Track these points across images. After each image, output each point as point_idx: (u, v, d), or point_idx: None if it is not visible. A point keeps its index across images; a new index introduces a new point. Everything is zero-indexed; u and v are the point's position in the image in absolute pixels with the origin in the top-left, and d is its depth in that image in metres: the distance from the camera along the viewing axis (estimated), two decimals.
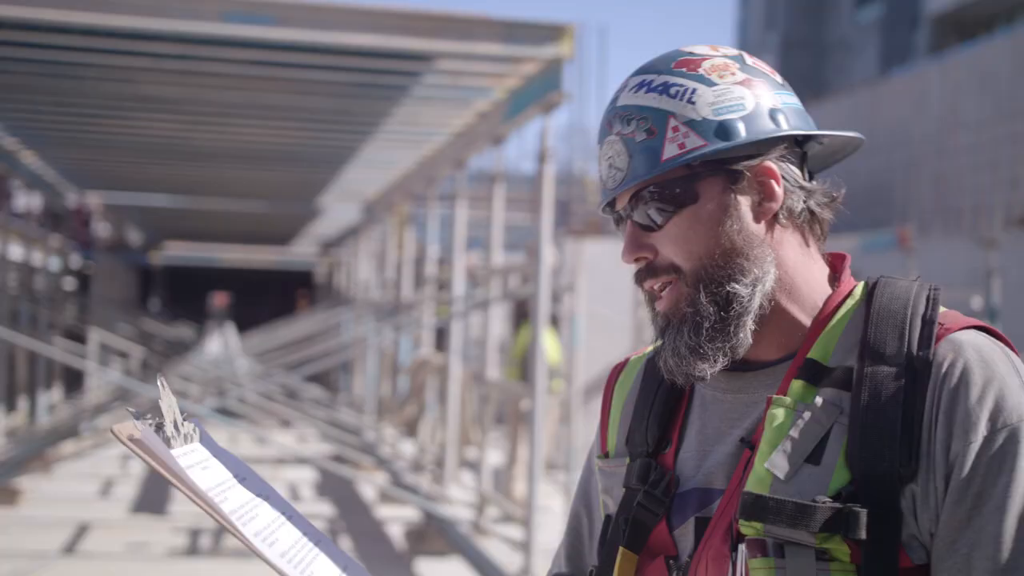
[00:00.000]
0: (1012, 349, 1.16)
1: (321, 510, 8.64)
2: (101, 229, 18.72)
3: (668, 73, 1.21)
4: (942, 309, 1.17)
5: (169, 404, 1.14)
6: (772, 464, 1.11)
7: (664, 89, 1.20)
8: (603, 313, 10.13)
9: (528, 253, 14.30)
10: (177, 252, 22.32)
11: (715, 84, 1.19)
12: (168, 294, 27.47)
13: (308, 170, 11.26)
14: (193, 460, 1.14)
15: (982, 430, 1.08)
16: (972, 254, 11.61)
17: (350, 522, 8.26)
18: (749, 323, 1.18)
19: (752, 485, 1.12)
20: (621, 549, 1.22)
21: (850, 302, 1.21)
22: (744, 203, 1.19)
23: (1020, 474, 1.07)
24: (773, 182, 1.20)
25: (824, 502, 1.08)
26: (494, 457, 9.79)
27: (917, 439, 1.09)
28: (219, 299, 27.95)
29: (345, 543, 7.59)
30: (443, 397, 8.93)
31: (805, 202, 1.22)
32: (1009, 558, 1.06)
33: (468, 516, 7.74)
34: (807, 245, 1.23)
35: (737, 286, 1.17)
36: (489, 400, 8.66)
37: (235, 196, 14.09)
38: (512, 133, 7.58)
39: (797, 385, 1.16)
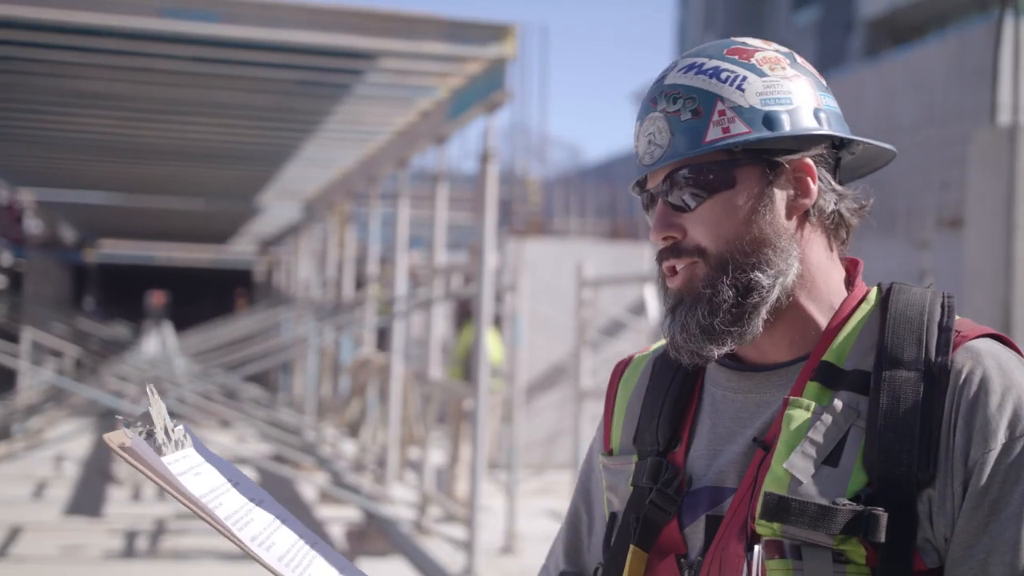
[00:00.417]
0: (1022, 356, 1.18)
1: None
2: (34, 226, 18.33)
3: (720, 58, 1.21)
4: (956, 317, 1.19)
5: (159, 411, 1.12)
6: (791, 465, 1.12)
7: (715, 73, 1.19)
8: (545, 313, 10.17)
9: (471, 253, 14.31)
10: (113, 250, 21.95)
11: (765, 75, 1.20)
12: (103, 293, 26.98)
13: (248, 168, 11.14)
14: (186, 466, 1.12)
15: (1001, 438, 1.09)
16: (906, 254, 11.84)
17: None
18: (763, 313, 1.18)
19: (769, 485, 1.12)
20: (632, 547, 1.22)
21: (865, 307, 1.22)
22: (779, 196, 1.20)
23: None
24: (809, 179, 1.21)
25: (845, 504, 1.09)
26: (436, 457, 9.78)
27: (936, 444, 1.10)
28: (156, 298, 27.52)
29: None
30: (385, 396, 8.90)
31: (836, 205, 1.23)
32: None
33: (410, 516, 7.72)
34: (831, 248, 1.24)
35: (760, 275, 1.18)
36: (432, 399, 8.64)
37: (173, 194, 13.88)
38: (455, 132, 7.58)
39: (813, 387, 1.16)
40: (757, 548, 1.11)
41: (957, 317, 1.18)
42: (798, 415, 1.14)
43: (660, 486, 1.22)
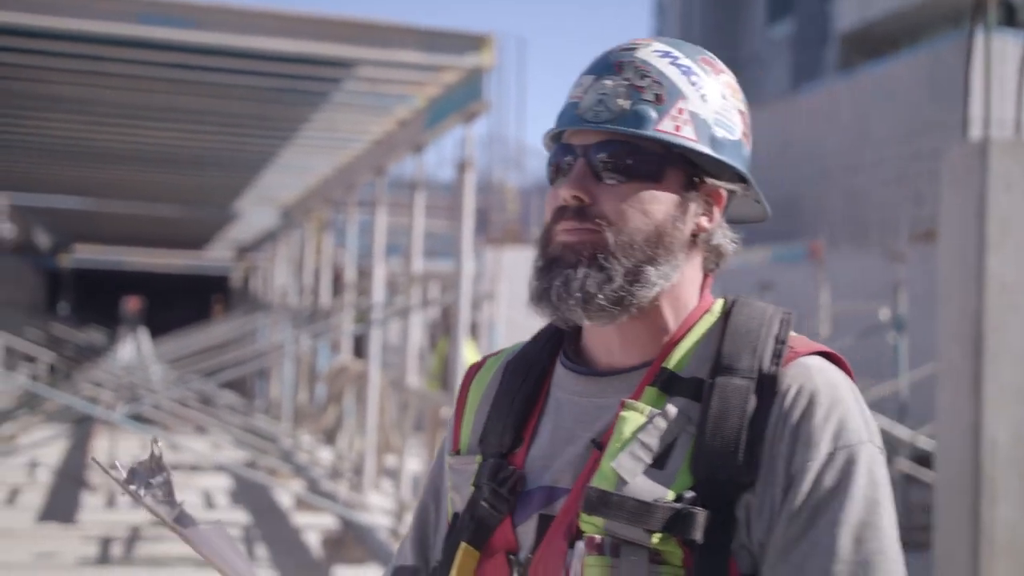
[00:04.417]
0: (851, 376, 1.22)
1: (237, 517, 8.54)
2: (7, 231, 18.21)
3: (693, 62, 1.24)
4: (793, 333, 1.22)
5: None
6: (618, 464, 1.14)
7: (687, 72, 1.22)
8: (522, 320, 10.20)
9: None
10: (87, 255, 21.83)
11: (726, 99, 1.24)
12: (78, 298, 26.81)
13: (224, 174, 11.13)
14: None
15: (824, 448, 1.13)
16: (880, 266, 11.95)
17: (266, 530, 8.18)
18: (635, 309, 1.21)
19: (596, 483, 1.14)
20: (462, 545, 1.24)
21: (709, 317, 1.25)
22: (691, 209, 1.23)
23: (856, 492, 1.12)
24: (717, 207, 1.25)
25: (664, 502, 1.11)
26: (413, 464, 9.78)
27: (759, 451, 1.13)
28: (132, 304, 27.37)
29: (261, 551, 7.51)
30: (362, 404, 8.90)
31: (721, 239, 1.27)
32: (839, 571, 1.10)
33: (387, 523, 7.72)
34: (702, 270, 1.28)
35: (652, 270, 1.20)
36: (409, 407, 8.65)
37: (148, 199, 13.84)
38: (432, 141, 7.61)
39: (651, 392, 1.19)
40: (579, 544, 1.13)
41: (794, 334, 1.22)
42: (632, 418, 1.16)
43: (494, 485, 1.23)
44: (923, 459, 8.86)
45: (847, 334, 11.08)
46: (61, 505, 8.80)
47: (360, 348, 11.32)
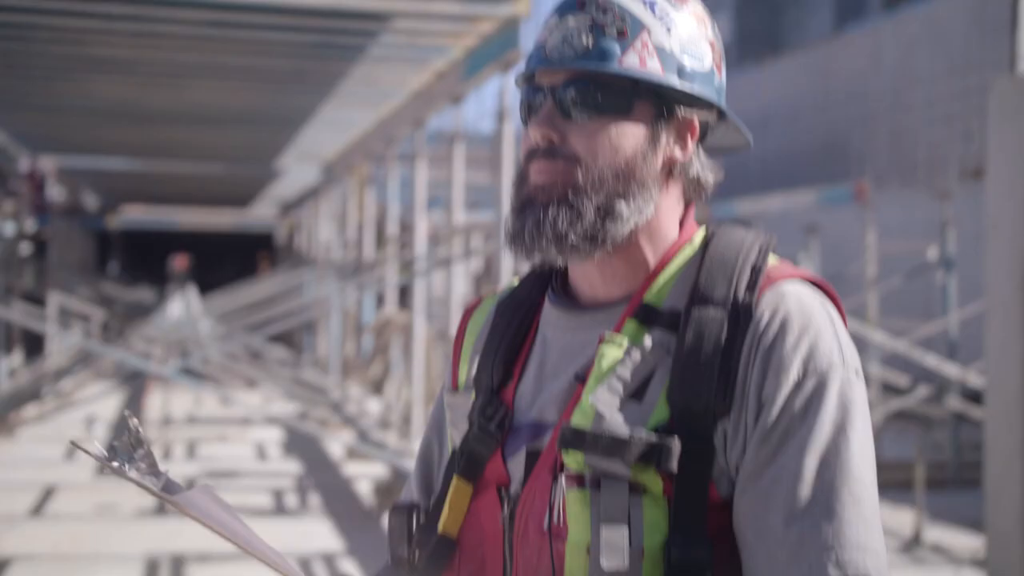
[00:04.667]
0: (835, 302, 1.21)
1: (289, 468, 8.71)
2: (56, 193, 18.46)
3: None
4: (774, 260, 1.22)
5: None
6: (596, 398, 1.15)
7: (651, 5, 1.22)
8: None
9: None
10: (135, 216, 22.12)
11: (693, 29, 1.24)
12: (126, 257, 27.22)
13: (266, 131, 11.20)
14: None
15: (794, 374, 1.13)
16: (928, 206, 11.77)
17: (318, 479, 8.33)
18: (609, 245, 1.21)
19: (576, 418, 1.16)
20: (455, 478, 1.26)
21: (688, 249, 1.25)
22: (662, 141, 1.23)
23: (825, 417, 1.13)
24: (690, 137, 1.25)
25: (639, 435, 1.12)
26: None
27: (733, 378, 1.15)
28: (179, 262, 27.73)
29: (314, 500, 7.66)
30: (408, 355, 9.00)
31: (698, 171, 1.26)
32: (804, 494, 1.11)
33: None
34: (681, 201, 1.28)
35: (624, 206, 1.20)
36: None
37: (192, 158, 13.97)
38: (471, 92, 7.59)
39: (631, 325, 1.20)
40: (560, 478, 1.16)
41: (775, 261, 1.22)
42: (610, 352, 1.17)
43: (483, 421, 1.25)
44: (974, 397, 8.80)
45: (895, 274, 10.97)
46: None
47: (405, 300, 11.42)
